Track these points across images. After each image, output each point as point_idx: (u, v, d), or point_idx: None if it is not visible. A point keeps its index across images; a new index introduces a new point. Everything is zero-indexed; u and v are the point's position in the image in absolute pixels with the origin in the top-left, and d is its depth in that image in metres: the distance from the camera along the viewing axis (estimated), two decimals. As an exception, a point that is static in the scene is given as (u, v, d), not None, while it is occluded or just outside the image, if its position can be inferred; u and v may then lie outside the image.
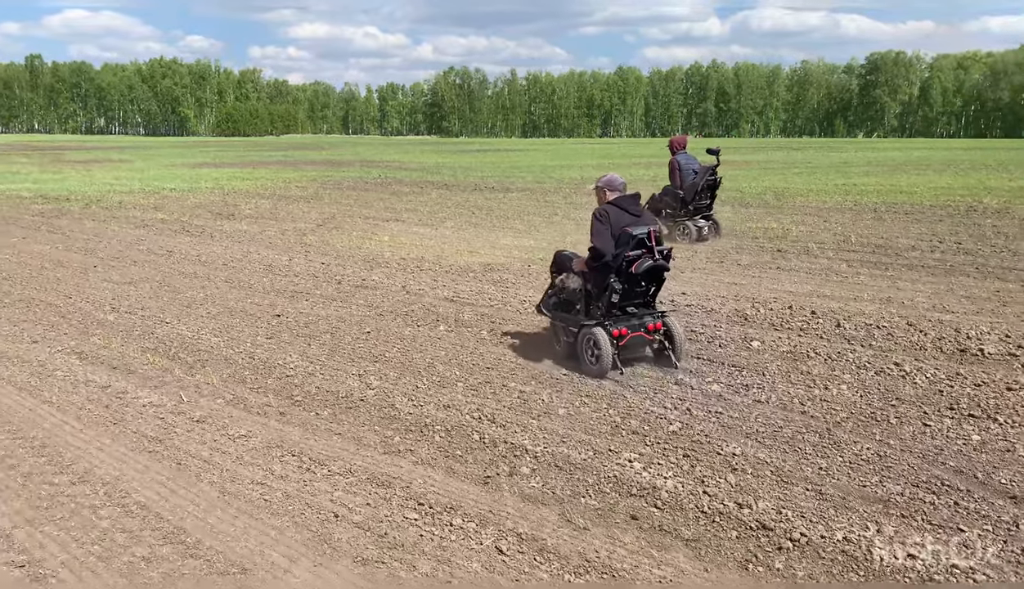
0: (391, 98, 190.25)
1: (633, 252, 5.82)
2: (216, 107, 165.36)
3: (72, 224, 15.12)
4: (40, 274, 10.22)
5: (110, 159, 44.00)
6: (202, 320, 7.76)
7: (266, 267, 10.49)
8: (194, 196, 20.26)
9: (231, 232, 13.76)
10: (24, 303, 8.59)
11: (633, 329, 5.95)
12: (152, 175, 29.23)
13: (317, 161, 40.40)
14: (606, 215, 5.97)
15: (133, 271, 10.36)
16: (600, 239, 5.90)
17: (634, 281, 5.95)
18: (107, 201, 19.22)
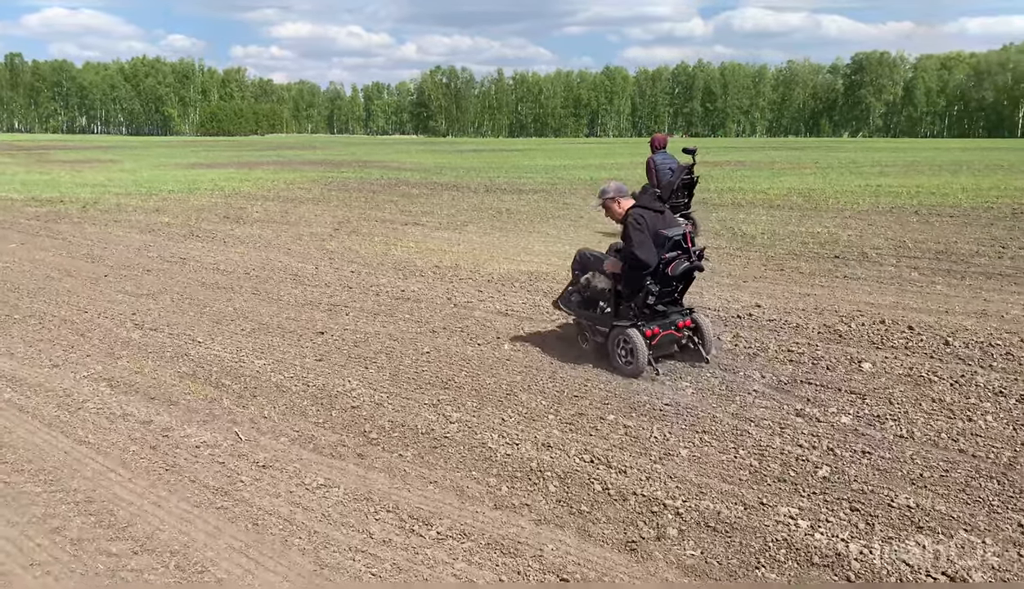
0: (376, 97, 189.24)
1: (669, 254, 5.82)
2: (200, 106, 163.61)
3: (72, 229, 14.28)
4: (48, 284, 9.43)
5: (98, 159, 42.88)
6: (238, 339, 7.01)
7: (292, 276, 9.74)
8: (195, 198, 19.42)
9: (244, 237, 12.98)
10: (36, 319, 7.80)
11: (664, 328, 5.96)
12: (145, 176, 28.30)
13: (313, 161, 39.52)
14: (643, 220, 5.85)
15: (148, 281, 9.58)
16: (643, 250, 5.77)
17: (668, 282, 5.98)
18: (104, 203, 18.35)
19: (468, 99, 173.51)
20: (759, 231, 12.78)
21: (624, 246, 5.97)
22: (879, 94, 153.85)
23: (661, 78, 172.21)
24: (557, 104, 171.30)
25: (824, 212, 14.97)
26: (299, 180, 25.55)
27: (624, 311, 6.04)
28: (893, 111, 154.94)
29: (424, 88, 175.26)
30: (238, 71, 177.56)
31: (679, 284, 6.16)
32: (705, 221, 13.22)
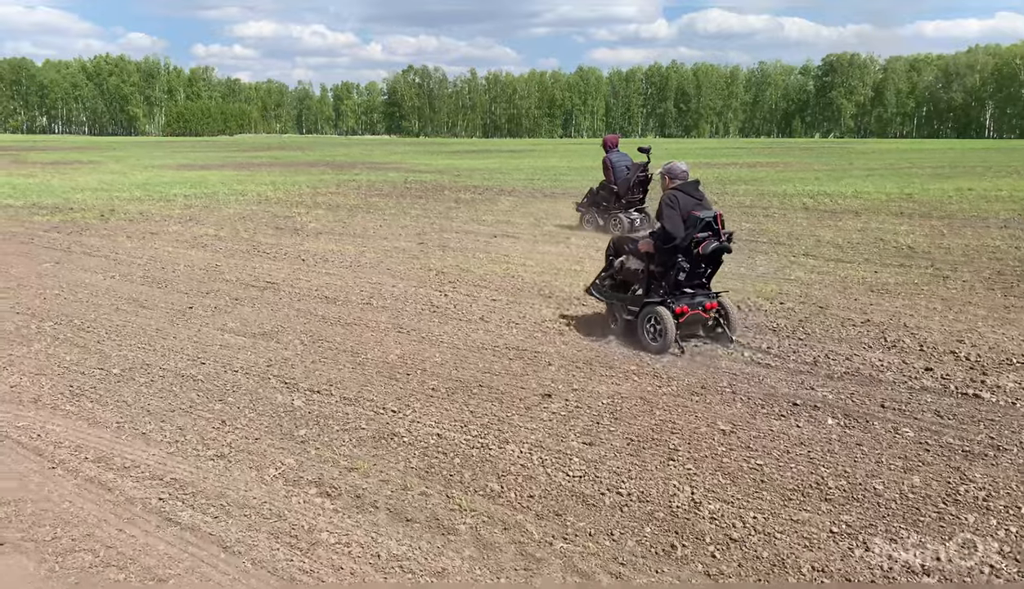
0: (346, 97, 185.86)
1: (700, 234, 6.13)
2: (166, 106, 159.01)
3: (105, 243, 12.25)
4: (126, 321, 7.50)
5: (76, 160, 40.21)
6: (441, 404, 5.23)
7: (428, 307, 7.93)
8: (227, 206, 17.39)
9: (322, 254, 11.11)
10: (143, 373, 5.92)
11: (692, 307, 6.26)
12: (140, 179, 26.05)
13: (311, 162, 37.40)
14: (675, 200, 6.25)
15: (250, 315, 7.70)
16: (671, 222, 6.18)
17: (698, 262, 6.31)
18: (123, 211, 16.26)
19: (441, 99, 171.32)
20: (932, 245, 11.25)
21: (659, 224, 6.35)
22: (850, 95, 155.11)
23: (635, 79, 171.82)
24: (531, 104, 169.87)
25: (970, 219, 13.52)
26: (318, 184, 23.56)
27: (655, 290, 6.40)
28: (864, 112, 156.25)
29: (396, 88, 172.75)
30: (205, 70, 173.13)
31: (708, 266, 6.49)
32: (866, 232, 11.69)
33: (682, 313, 6.18)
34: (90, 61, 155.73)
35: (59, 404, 5.33)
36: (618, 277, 6.84)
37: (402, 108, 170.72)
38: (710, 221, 6.17)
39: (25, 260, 10.88)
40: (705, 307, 6.35)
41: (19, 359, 6.34)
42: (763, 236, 12.28)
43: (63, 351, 6.55)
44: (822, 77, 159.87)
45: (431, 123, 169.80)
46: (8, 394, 5.53)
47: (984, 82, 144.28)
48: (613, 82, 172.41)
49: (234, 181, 24.67)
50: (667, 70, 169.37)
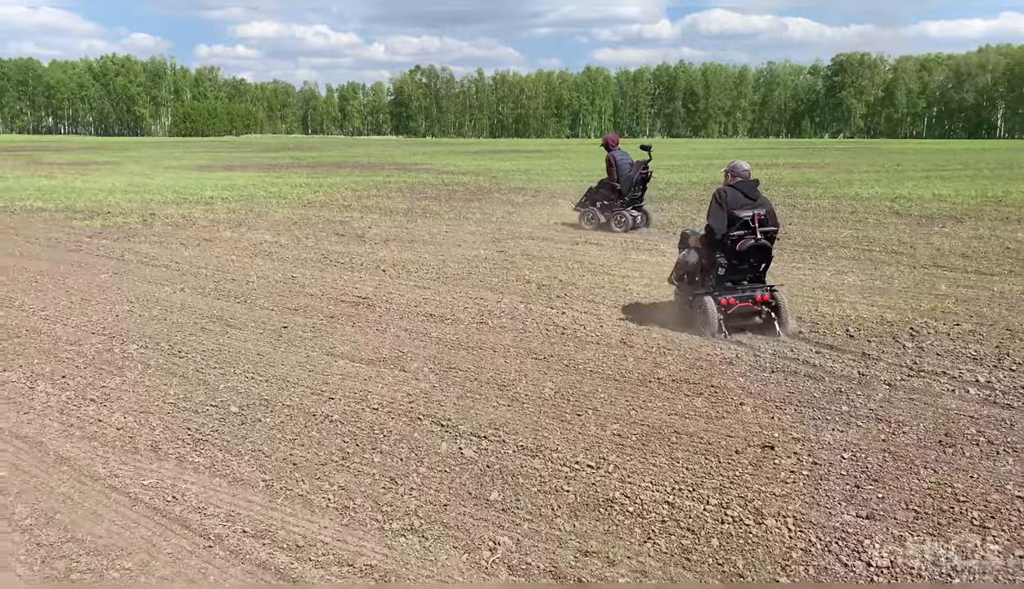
0: (352, 98, 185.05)
1: (737, 232, 6.36)
2: (173, 106, 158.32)
3: (160, 250, 11.40)
4: (216, 343, 6.65)
5: (93, 161, 39.40)
6: (675, 470, 4.34)
7: (553, 327, 7.06)
8: (271, 210, 16.54)
9: (397, 263, 10.26)
10: (268, 412, 5.06)
11: (741, 299, 6.46)
12: (166, 180, 25.22)
13: (340, 163, 36.54)
14: (724, 196, 6.47)
15: (356, 336, 6.84)
16: (715, 219, 6.41)
17: (740, 258, 6.47)
18: (163, 215, 15.41)
19: (448, 99, 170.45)
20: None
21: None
22: (860, 95, 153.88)
23: (642, 79, 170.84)
24: (539, 104, 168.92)
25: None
26: (355, 186, 22.71)
27: (706, 282, 6.72)
28: (874, 112, 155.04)
29: (404, 88, 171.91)
30: (211, 70, 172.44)
31: (754, 261, 6.61)
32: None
33: (729, 304, 6.50)
34: (96, 61, 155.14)
35: (184, 454, 4.47)
36: (681, 269, 7.23)
37: (409, 108, 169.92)
38: (747, 220, 6.44)
39: (80, 270, 10.03)
40: (755, 300, 6.56)
41: (116, 393, 5.48)
42: (873, 244, 11.40)
43: (162, 382, 5.69)
44: (832, 77, 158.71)
45: (438, 123, 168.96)
46: (118, 440, 4.67)
47: (996, 82, 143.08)
48: (621, 82, 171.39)
49: (265, 183, 23.83)
50: (675, 70, 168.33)
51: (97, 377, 5.84)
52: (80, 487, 4.09)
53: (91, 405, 5.27)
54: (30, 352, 6.49)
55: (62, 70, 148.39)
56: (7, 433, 4.81)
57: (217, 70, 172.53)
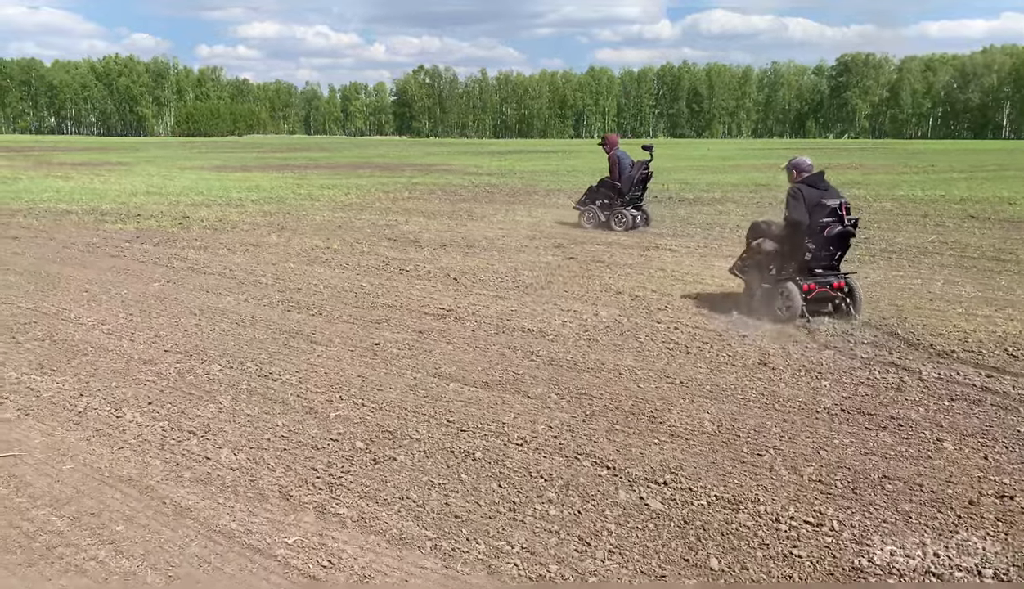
0: (354, 98, 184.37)
1: (826, 219, 6.80)
2: (175, 106, 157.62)
3: (208, 257, 10.78)
4: (307, 362, 6.02)
5: (105, 161, 38.79)
6: (941, 541, 3.71)
7: (673, 345, 6.42)
8: (308, 212, 15.92)
9: (466, 271, 9.65)
10: (400, 449, 4.45)
11: (820, 285, 6.94)
12: (186, 181, 24.62)
13: (357, 164, 35.93)
14: (800, 192, 6.93)
15: (458, 355, 6.22)
16: (796, 212, 6.86)
17: (825, 245, 6.94)
18: (196, 218, 14.78)
19: (452, 100, 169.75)
20: None
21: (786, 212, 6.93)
22: (864, 95, 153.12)
23: (646, 79, 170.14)
24: (543, 105, 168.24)
25: None
26: (385, 187, 22.09)
27: (786, 269, 7.04)
28: (878, 113, 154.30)
29: (407, 88, 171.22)
30: (214, 70, 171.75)
31: (836, 249, 7.02)
32: None
33: (810, 290, 6.88)
34: (99, 62, 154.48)
35: (322, 503, 3.84)
36: (756, 258, 7.42)
37: (412, 109, 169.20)
38: (835, 208, 6.80)
39: (129, 278, 9.40)
40: (832, 286, 6.98)
41: (215, 424, 4.85)
42: (967, 250, 10.79)
43: (263, 410, 5.06)
44: (836, 77, 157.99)
45: (442, 124, 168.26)
46: (239, 484, 4.04)
47: (1001, 82, 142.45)
48: (624, 82, 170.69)
49: (289, 184, 23.21)
50: (679, 70, 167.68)
51: (188, 404, 5.21)
52: (214, 547, 3.46)
53: (192, 439, 4.65)
54: (103, 373, 5.86)
55: (65, 70, 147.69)
56: (107, 474, 4.19)
57: (220, 70, 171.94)
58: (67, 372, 5.91)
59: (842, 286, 7.00)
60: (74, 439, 4.69)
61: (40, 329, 7.12)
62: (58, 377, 5.80)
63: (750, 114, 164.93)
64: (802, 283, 6.89)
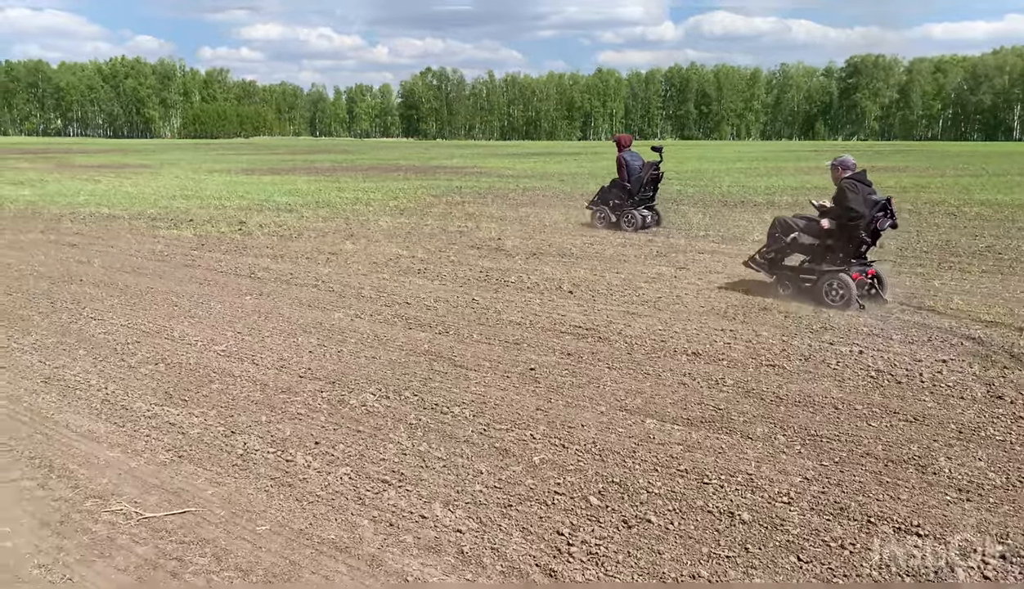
0: (360, 100, 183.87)
1: (877, 213, 7.39)
2: (182, 108, 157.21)
3: (291, 268, 10.13)
4: (471, 392, 5.36)
5: (126, 164, 38.20)
6: None
7: (882, 377, 5.73)
8: (373, 220, 15.25)
9: (578, 283, 8.98)
10: (667, 513, 3.78)
11: (861, 274, 7.54)
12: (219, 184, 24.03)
13: (384, 166, 35.30)
14: (856, 186, 7.39)
15: (634, 385, 5.55)
16: (859, 204, 7.30)
17: (874, 237, 7.58)
18: (254, 224, 14.14)
19: (460, 101, 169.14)
20: None
21: (839, 204, 7.50)
22: (874, 97, 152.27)
23: (654, 81, 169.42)
24: (550, 107, 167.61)
25: None
26: (426, 190, 21.44)
27: (831, 261, 7.62)
28: (888, 114, 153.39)
29: (414, 90, 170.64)
30: (220, 72, 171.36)
31: (873, 240, 7.63)
32: None
33: (857, 279, 7.46)
34: (106, 63, 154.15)
35: (598, 585, 3.15)
36: (788, 251, 7.97)
37: (420, 110, 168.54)
38: (884, 203, 7.43)
39: (215, 290, 8.73)
40: (867, 273, 7.63)
41: (407, 469, 4.18)
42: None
43: (452, 451, 4.40)
44: (846, 79, 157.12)
45: (448, 126, 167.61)
46: (479, 553, 3.37)
47: (1012, 84, 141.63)
48: (632, 84, 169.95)
49: (328, 188, 22.57)
50: (687, 72, 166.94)
51: (361, 443, 4.55)
52: (501, 647, 2.78)
53: (389, 490, 3.98)
54: (244, 405, 5.19)
55: (71, 72, 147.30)
56: (315, 539, 3.53)
57: (226, 72, 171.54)
58: (202, 403, 5.25)
59: (874, 273, 7.68)
60: (251, 490, 4.02)
61: (147, 350, 6.46)
62: (195, 409, 5.13)
63: (759, 116, 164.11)
64: (852, 272, 7.44)
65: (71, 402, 5.32)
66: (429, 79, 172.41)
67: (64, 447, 4.58)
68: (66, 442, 4.65)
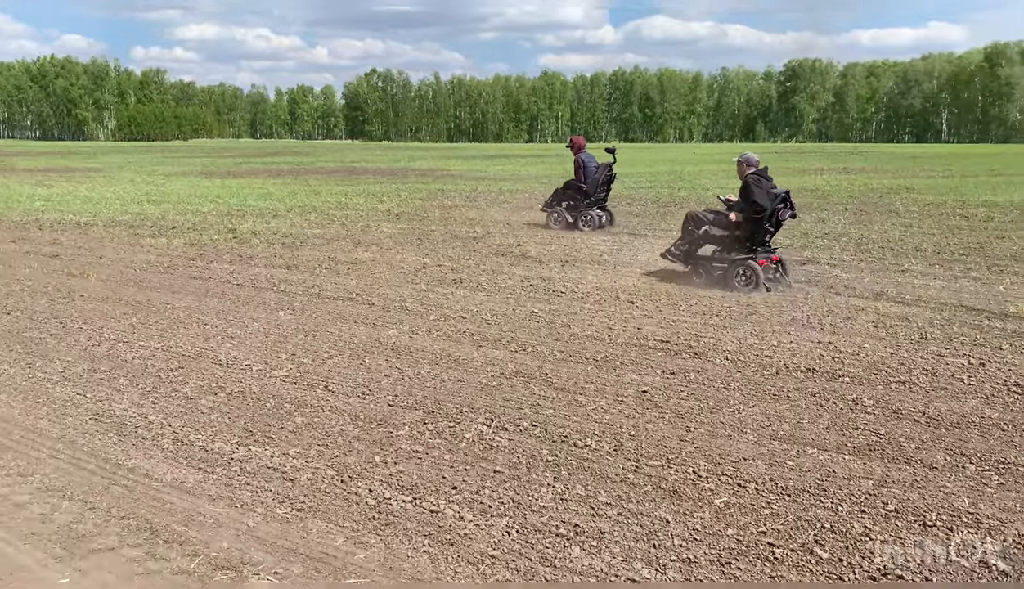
0: (302, 101, 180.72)
1: (778, 205, 8.19)
2: (117, 109, 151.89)
3: (315, 279, 9.39)
4: (592, 419, 4.82)
5: (72, 167, 36.35)
6: None
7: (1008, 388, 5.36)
8: (373, 226, 14.49)
9: (634, 292, 8.47)
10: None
11: (766, 260, 8.30)
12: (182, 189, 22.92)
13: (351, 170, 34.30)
14: (760, 181, 8.12)
15: (815, 418, 5.08)
16: (762, 198, 8.05)
17: (777, 227, 8.39)
18: (243, 231, 13.28)
19: (406, 103, 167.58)
20: None
21: (744, 198, 8.23)
22: (812, 100, 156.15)
23: (599, 84, 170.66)
24: (497, 109, 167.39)
25: None
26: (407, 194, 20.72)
27: (740, 249, 8.35)
28: (825, 117, 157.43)
29: (359, 91, 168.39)
30: (157, 73, 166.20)
31: (775, 229, 8.42)
32: None
33: (763, 265, 8.19)
34: (34, 63, 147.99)
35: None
36: (701, 243, 8.69)
37: (365, 112, 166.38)
38: (784, 195, 8.24)
39: (241, 306, 7.97)
40: (772, 260, 8.38)
41: (578, 519, 3.62)
42: None
43: (617, 496, 3.84)
44: (784, 82, 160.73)
45: (395, 128, 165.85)
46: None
47: (940, 88, 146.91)
48: (577, 87, 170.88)
49: (302, 192, 21.65)
50: (631, 75, 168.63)
51: (507, 487, 3.96)
52: None
53: (575, 548, 3.43)
54: (345, 442, 4.55)
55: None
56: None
57: (163, 73, 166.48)
58: (292, 441, 4.58)
59: (777, 259, 8.42)
60: (407, 552, 3.40)
61: (197, 377, 5.73)
62: (288, 449, 4.46)
63: (701, 119, 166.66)
64: (759, 259, 8.19)
65: (137, 444, 4.58)
66: (374, 81, 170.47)
67: (155, 502, 3.87)
68: (155, 496, 3.94)
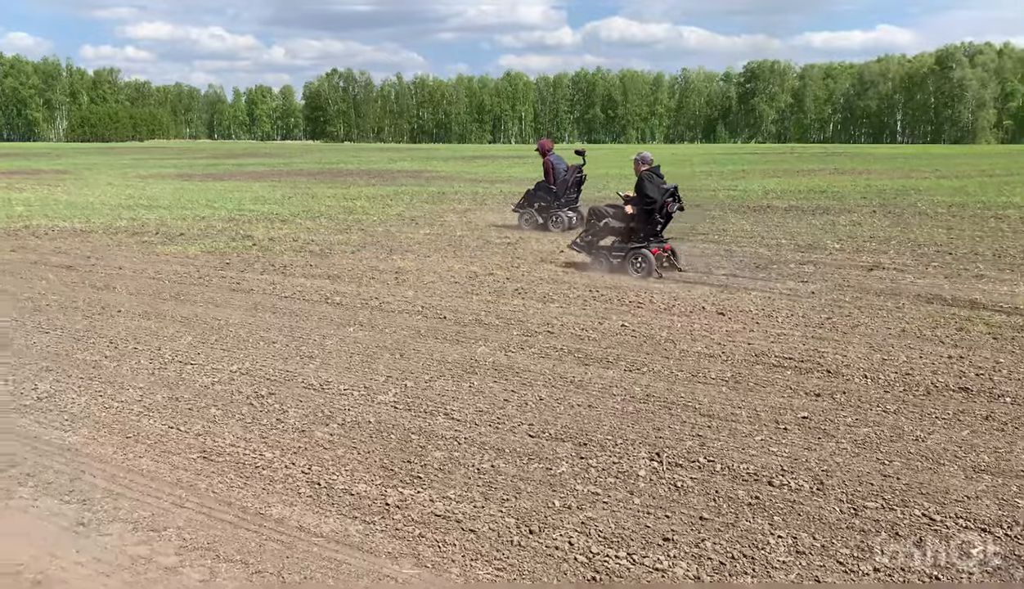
0: (261, 101, 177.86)
1: (668, 199, 9.13)
2: (69, 109, 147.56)
3: (366, 290, 8.81)
4: (803, 458, 4.36)
5: (38, 169, 34.94)
6: None
7: None
8: (397, 232, 13.88)
9: (727, 307, 8.05)
10: None
11: (659, 248, 9.18)
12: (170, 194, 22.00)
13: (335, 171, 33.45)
14: (652, 177, 9.09)
15: (989, 446, 4.68)
16: (653, 191, 9.01)
17: (666, 219, 9.31)
18: (259, 238, 12.59)
19: (368, 104, 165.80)
20: None
21: (639, 193, 9.12)
22: (771, 101, 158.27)
23: (562, 85, 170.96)
24: (460, 109, 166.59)
25: None
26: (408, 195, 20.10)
27: (635, 239, 9.22)
28: (784, 118, 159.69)
29: (320, 92, 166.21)
30: (110, 72, 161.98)
31: (666, 221, 9.34)
32: None
33: (656, 253, 9.07)
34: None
35: None
36: (602, 234, 9.53)
37: (326, 113, 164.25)
38: (673, 191, 9.14)
39: (299, 321, 7.38)
40: (664, 248, 9.23)
41: (836, 579, 3.15)
42: None
43: (860, 546, 3.39)
44: (744, 84, 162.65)
45: (357, 128, 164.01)
46: None
47: (895, 89, 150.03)
48: (540, 88, 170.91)
49: (294, 194, 20.92)
50: (593, 76, 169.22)
51: (756, 539, 3.48)
52: None
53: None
54: (507, 482, 4.06)
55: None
56: None
57: (117, 72, 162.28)
58: (445, 481, 4.07)
59: (669, 248, 9.29)
60: (659, 624, 2.89)
61: (296, 405, 5.16)
62: (448, 492, 3.95)
63: (662, 120, 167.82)
64: (651, 248, 9.04)
65: (268, 488, 4.02)
66: (335, 81, 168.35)
67: (328, 563, 3.33)
68: (322, 554, 3.40)
